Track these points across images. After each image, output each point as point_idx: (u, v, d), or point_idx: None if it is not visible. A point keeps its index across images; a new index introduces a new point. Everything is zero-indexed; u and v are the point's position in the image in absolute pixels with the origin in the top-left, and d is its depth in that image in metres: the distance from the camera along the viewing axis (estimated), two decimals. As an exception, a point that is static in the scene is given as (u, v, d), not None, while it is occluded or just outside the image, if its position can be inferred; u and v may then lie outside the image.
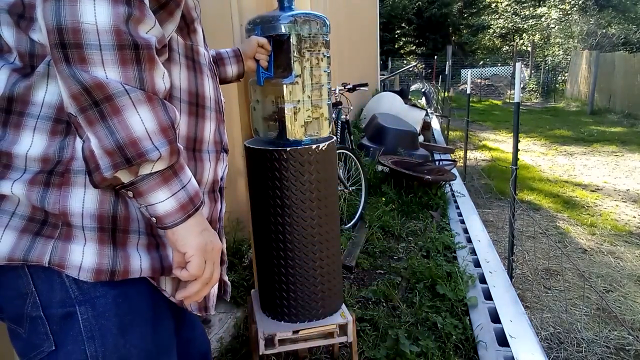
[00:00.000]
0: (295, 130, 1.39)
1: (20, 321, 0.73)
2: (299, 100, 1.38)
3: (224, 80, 1.30)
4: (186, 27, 0.79)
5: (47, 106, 0.69)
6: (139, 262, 0.73)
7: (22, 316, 0.72)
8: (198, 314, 0.86)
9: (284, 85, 1.34)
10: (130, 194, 0.68)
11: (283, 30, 1.31)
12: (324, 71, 1.42)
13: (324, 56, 1.41)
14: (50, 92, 0.69)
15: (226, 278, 0.97)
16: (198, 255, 0.72)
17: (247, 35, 1.44)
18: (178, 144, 0.67)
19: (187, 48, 0.80)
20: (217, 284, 0.87)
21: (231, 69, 1.29)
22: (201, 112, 0.82)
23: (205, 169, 0.83)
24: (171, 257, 0.77)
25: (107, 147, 0.62)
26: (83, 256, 0.70)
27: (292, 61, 1.34)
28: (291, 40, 1.32)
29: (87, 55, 0.59)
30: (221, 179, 0.91)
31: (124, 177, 0.65)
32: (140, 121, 0.62)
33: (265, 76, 1.36)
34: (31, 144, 0.69)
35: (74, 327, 0.71)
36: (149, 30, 0.65)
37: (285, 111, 1.37)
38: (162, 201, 0.67)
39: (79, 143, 0.68)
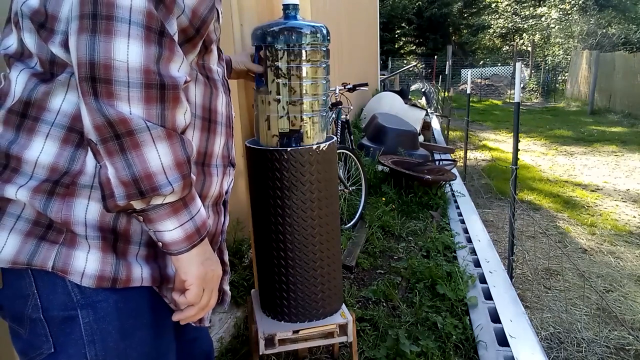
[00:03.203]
0: (267, 138, 1.42)
1: (21, 321, 0.73)
2: (273, 110, 1.38)
3: None
4: (204, 49, 0.80)
5: (63, 114, 0.70)
6: (140, 272, 0.75)
7: (23, 316, 0.73)
8: (192, 324, 0.87)
9: (259, 94, 1.38)
10: (141, 218, 0.70)
11: (264, 41, 1.33)
12: (322, 82, 1.41)
13: (319, 67, 1.38)
14: (68, 101, 0.70)
15: (227, 288, 0.98)
16: (197, 284, 0.74)
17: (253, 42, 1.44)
18: (192, 177, 0.70)
19: (200, 67, 0.82)
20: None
21: None
22: (213, 128, 0.84)
23: (212, 183, 0.85)
24: (170, 267, 0.79)
25: (123, 179, 0.64)
26: (86, 262, 0.71)
27: (266, 72, 1.35)
28: (266, 51, 1.33)
29: (115, 91, 0.62)
30: (226, 193, 0.93)
31: (137, 205, 0.67)
32: (157, 156, 0.65)
33: (258, 84, 1.39)
34: (42, 150, 0.70)
35: (74, 331, 0.72)
36: (180, 66, 0.68)
37: (260, 120, 1.41)
38: (170, 230, 0.70)
39: (90, 159, 0.70)
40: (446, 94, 10.34)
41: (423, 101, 10.66)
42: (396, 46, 24.05)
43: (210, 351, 1.06)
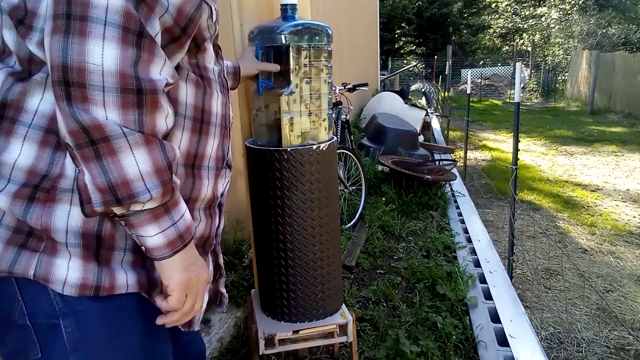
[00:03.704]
0: (291, 139, 1.40)
1: (8, 326, 0.72)
2: (296, 111, 1.39)
3: None
4: (195, 47, 0.78)
5: (40, 115, 0.68)
6: (125, 279, 0.74)
7: (10, 322, 0.72)
8: (181, 329, 0.86)
9: (282, 96, 1.36)
10: (123, 222, 0.68)
11: (283, 42, 1.32)
12: (325, 81, 1.43)
13: (325, 66, 1.42)
14: (45, 100, 0.67)
15: (223, 290, 0.97)
16: (179, 290, 0.73)
17: (250, 44, 1.44)
18: (174, 181, 0.68)
19: (193, 65, 0.79)
20: (206, 300, 0.87)
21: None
22: (205, 129, 0.81)
23: (203, 186, 0.83)
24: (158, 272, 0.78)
25: (100, 185, 0.62)
26: (68, 271, 0.70)
27: (290, 73, 1.35)
28: (290, 51, 1.33)
29: (89, 95, 0.60)
30: (221, 195, 0.91)
31: (116, 210, 0.66)
32: (134, 163, 0.63)
33: (265, 86, 1.38)
34: (20, 152, 0.68)
35: (59, 340, 0.71)
36: (161, 69, 0.65)
37: (283, 121, 1.38)
38: (151, 236, 0.68)
39: (69, 161, 0.68)
40: (446, 94, 10.34)
41: (423, 101, 10.66)
42: (396, 46, 24.05)
43: (204, 351, 1.06)
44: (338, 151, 3.35)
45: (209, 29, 0.79)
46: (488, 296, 2.42)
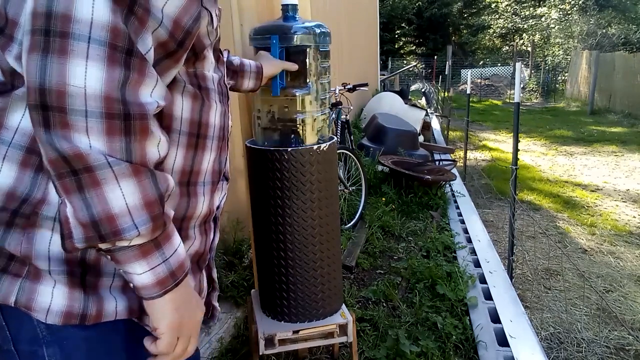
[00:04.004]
0: (311, 138, 1.44)
1: None
2: (313, 110, 1.42)
3: (237, 90, 1.29)
4: (194, 56, 0.72)
5: (22, 133, 0.62)
6: (114, 305, 0.69)
7: None
8: None
9: (298, 96, 1.38)
10: (108, 257, 0.63)
11: (302, 42, 1.34)
12: (329, 81, 1.47)
13: (328, 66, 1.45)
14: (27, 117, 0.60)
15: (216, 303, 0.93)
16: (169, 334, 0.67)
17: (256, 43, 1.42)
18: (167, 213, 0.62)
19: (191, 75, 0.73)
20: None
21: (248, 83, 1.27)
22: (201, 143, 0.76)
23: (198, 203, 0.78)
24: None
25: (82, 220, 0.56)
26: (52, 298, 0.65)
27: (308, 72, 1.37)
28: (309, 52, 1.36)
29: (70, 121, 0.53)
30: (217, 208, 0.86)
31: (100, 246, 0.61)
32: (121, 196, 0.57)
33: (282, 86, 1.38)
34: None
35: None
36: (152, 90, 0.59)
37: (305, 121, 1.41)
38: (139, 274, 0.62)
39: (52, 187, 0.62)
40: (446, 94, 10.35)
41: (423, 101, 10.66)
42: (396, 46, 24.05)
43: (198, 357, 1.01)
44: (338, 151, 3.35)
45: (209, 35, 0.73)
46: (488, 296, 2.42)
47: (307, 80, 1.38)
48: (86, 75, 0.53)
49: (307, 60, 1.36)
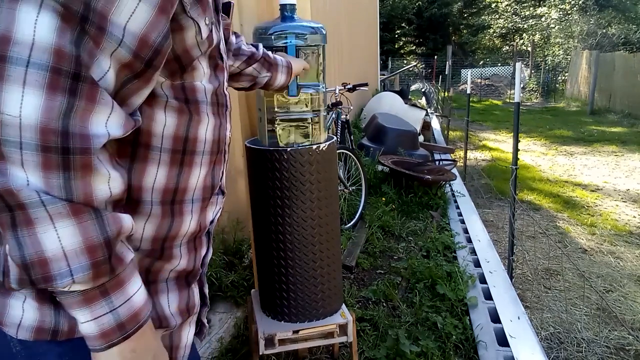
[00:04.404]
0: (320, 137, 1.47)
1: None
2: (322, 108, 1.46)
3: (268, 86, 1.25)
4: (180, 69, 0.67)
5: None
6: None
7: None
8: None
9: (310, 94, 1.41)
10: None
11: (315, 42, 1.36)
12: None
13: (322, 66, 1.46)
14: None
15: (205, 320, 0.90)
16: None
17: (263, 42, 1.40)
18: (119, 257, 0.57)
19: (176, 88, 0.67)
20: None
21: (280, 78, 1.24)
22: (188, 160, 0.71)
23: (183, 222, 0.73)
24: None
25: (15, 260, 0.52)
26: (23, 313, 0.62)
27: (323, 71, 1.41)
28: (322, 51, 1.39)
29: (4, 152, 0.48)
30: (211, 223, 0.82)
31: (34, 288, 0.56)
32: (56, 238, 0.51)
33: (299, 85, 1.39)
34: None
35: None
36: (107, 119, 0.53)
37: (318, 118, 1.44)
38: (82, 322, 0.56)
39: None
40: (446, 94, 10.34)
41: (423, 101, 10.66)
42: (396, 46, 24.05)
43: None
44: (338, 151, 3.35)
45: (199, 46, 0.67)
46: (488, 296, 2.42)
47: (318, 79, 1.41)
48: (22, 104, 0.48)
49: (321, 59, 1.40)
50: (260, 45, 1.18)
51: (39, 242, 0.50)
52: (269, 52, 1.22)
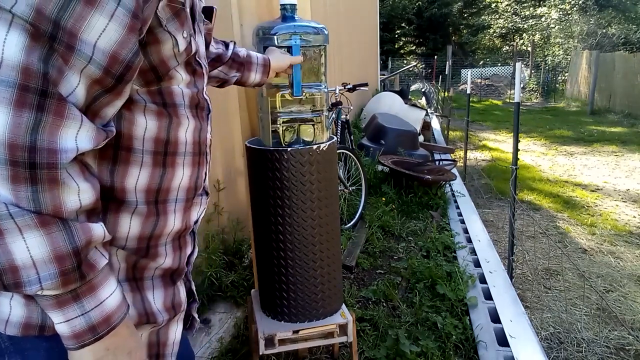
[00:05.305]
0: (323, 136, 1.47)
1: None
2: (324, 108, 1.47)
3: (242, 83, 1.26)
4: (156, 79, 0.69)
5: None
6: None
7: None
8: None
9: (315, 94, 1.41)
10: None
11: (319, 42, 1.37)
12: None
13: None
14: None
15: (195, 315, 0.93)
16: None
17: (268, 43, 1.39)
18: (90, 264, 0.59)
19: (153, 93, 0.70)
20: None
21: (254, 77, 1.25)
22: (170, 161, 0.73)
23: (168, 221, 0.76)
24: None
25: None
26: (10, 309, 0.64)
27: (327, 70, 1.42)
28: (324, 51, 1.40)
29: None
30: (195, 222, 0.85)
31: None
32: (25, 248, 0.54)
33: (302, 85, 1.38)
34: None
35: None
36: (77, 133, 0.55)
37: (321, 118, 1.45)
38: (56, 323, 0.60)
39: None
40: (446, 94, 10.34)
41: (423, 101, 10.66)
42: (396, 46, 24.05)
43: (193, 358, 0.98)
44: (338, 151, 3.35)
45: (176, 57, 0.70)
46: (488, 296, 2.42)
47: (321, 79, 1.41)
48: None
49: (326, 59, 1.41)
50: (231, 44, 1.17)
51: (9, 251, 0.53)
52: (242, 50, 1.21)
